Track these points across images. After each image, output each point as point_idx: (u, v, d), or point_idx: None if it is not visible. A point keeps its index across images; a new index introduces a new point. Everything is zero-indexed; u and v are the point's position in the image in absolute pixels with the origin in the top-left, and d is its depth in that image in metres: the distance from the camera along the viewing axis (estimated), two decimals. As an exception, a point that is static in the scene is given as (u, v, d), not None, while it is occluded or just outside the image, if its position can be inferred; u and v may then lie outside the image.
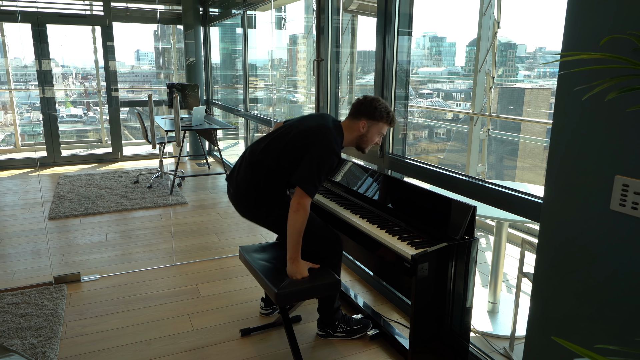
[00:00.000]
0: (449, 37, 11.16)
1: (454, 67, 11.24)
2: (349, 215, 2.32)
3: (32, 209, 4.70)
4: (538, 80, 7.90)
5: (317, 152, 2.12)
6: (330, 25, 3.44)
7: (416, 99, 9.67)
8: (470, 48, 8.82)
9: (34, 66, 6.53)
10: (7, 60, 7.57)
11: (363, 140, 2.32)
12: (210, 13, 7.03)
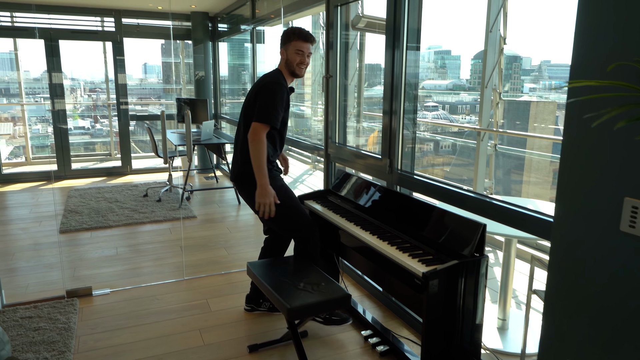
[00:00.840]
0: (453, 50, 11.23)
1: (459, 80, 11.28)
2: (358, 231, 2.35)
3: (43, 222, 4.76)
4: (543, 93, 7.92)
5: (263, 90, 2.48)
6: (339, 41, 3.50)
7: (421, 111, 9.72)
8: (475, 61, 8.88)
9: (43, 79, 6.65)
10: (20, 74, 7.71)
11: (289, 65, 2.57)
12: (219, 29, 7.14)
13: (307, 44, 2.55)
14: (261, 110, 2.46)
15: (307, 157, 7.92)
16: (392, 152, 2.83)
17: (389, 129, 2.83)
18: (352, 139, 3.89)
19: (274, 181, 2.62)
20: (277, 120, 2.48)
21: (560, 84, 7.70)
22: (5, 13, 6.40)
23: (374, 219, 2.49)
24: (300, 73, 2.60)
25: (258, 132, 2.45)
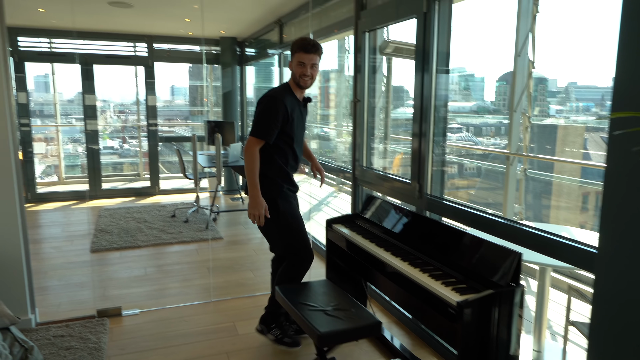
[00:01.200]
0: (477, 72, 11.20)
1: (483, 102, 11.22)
2: (389, 257, 2.33)
3: (75, 241, 4.87)
4: (570, 114, 7.79)
5: (258, 105, 2.55)
6: (367, 66, 3.53)
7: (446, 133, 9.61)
8: (500, 83, 8.81)
9: (76, 100, 6.88)
10: (56, 96, 8.00)
11: (294, 77, 2.57)
12: (246, 53, 7.31)
13: (309, 55, 2.51)
14: (254, 124, 2.54)
15: (331, 180, 7.93)
16: (422, 176, 2.81)
17: (418, 152, 2.82)
18: (378, 161, 3.88)
19: (284, 202, 2.65)
20: (268, 134, 2.51)
21: (589, 107, 7.57)
22: (44, 39, 6.69)
23: (403, 244, 2.47)
24: (304, 85, 2.58)
25: (250, 146, 2.51)
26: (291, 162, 2.69)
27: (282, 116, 2.51)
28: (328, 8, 4.31)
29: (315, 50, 2.52)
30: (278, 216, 2.64)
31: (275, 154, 2.61)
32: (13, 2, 4.81)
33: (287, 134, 2.59)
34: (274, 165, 2.62)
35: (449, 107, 2.82)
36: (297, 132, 2.65)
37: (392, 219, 2.71)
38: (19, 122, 6.49)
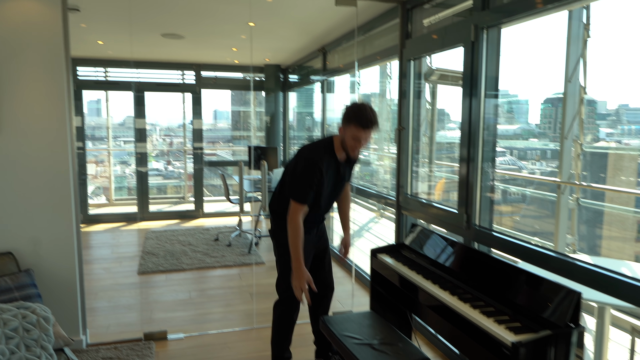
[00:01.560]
0: (521, 94, 10.96)
1: (528, 125, 10.91)
2: (437, 290, 2.26)
3: (123, 263, 5.02)
4: (622, 138, 7.44)
5: (298, 166, 2.44)
6: (412, 94, 3.52)
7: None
8: (545, 106, 8.55)
9: (126, 124, 7.17)
10: (109, 120, 8.41)
11: (344, 144, 2.43)
12: (289, 79, 7.47)
13: (367, 132, 2.32)
14: (292, 187, 2.45)
15: (372, 205, 7.88)
16: (470, 205, 2.75)
17: (465, 180, 2.76)
18: (422, 187, 3.84)
19: (284, 237, 2.57)
20: (305, 198, 2.40)
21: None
22: (100, 69, 7.09)
23: (451, 277, 2.40)
24: (353, 156, 2.48)
25: (293, 213, 2.40)
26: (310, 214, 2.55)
27: (317, 179, 2.41)
28: (372, 36, 4.36)
29: (373, 126, 2.33)
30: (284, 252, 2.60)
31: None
32: (76, 36, 5.14)
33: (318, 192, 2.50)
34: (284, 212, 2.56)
35: (485, 131, 2.76)
36: (326, 190, 2.54)
37: (438, 250, 2.65)
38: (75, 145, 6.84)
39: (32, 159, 2.82)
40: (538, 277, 1.99)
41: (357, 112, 2.32)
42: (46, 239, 2.88)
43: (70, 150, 2.89)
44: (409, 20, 3.52)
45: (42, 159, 2.83)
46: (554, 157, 7.66)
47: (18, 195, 2.81)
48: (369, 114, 2.31)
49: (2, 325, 2.26)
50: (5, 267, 2.71)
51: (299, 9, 3.84)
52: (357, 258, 4.95)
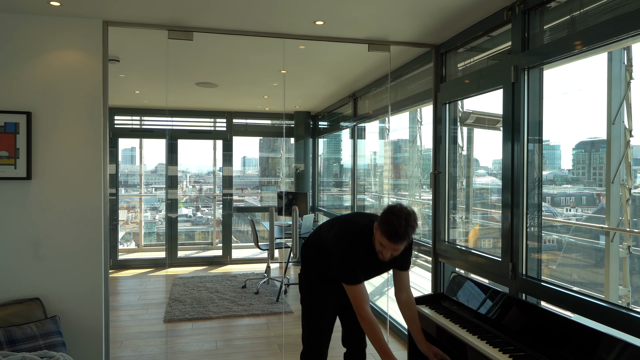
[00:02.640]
0: (552, 139, 10.77)
1: (560, 171, 10.62)
2: (485, 347, 2.07)
3: (149, 310, 4.93)
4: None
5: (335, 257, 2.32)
6: (448, 136, 3.43)
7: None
8: (578, 151, 8.30)
9: (158, 171, 7.29)
10: (141, 168, 8.59)
11: (375, 243, 2.24)
12: (319, 126, 7.52)
13: (392, 245, 2.13)
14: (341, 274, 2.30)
15: (403, 252, 7.64)
16: (515, 253, 2.57)
17: (510, 227, 2.60)
18: (457, 234, 3.68)
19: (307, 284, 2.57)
20: (357, 278, 2.26)
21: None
22: (135, 117, 7.32)
23: (500, 332, 2.20)
24: (383, 259, 2.24)
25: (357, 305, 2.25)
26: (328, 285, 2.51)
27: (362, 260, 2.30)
28: (403, 82, 4.35)
29: (401, 241, 2.12)
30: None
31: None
32: (115, 86, 5.34)
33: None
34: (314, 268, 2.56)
35: (529, 177, 2.61)
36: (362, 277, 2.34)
37: (482, 301, 2.46)
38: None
39: (64, 205, 2.82)
40: (596, 330, 1.79)
41: (388, 220, 2.11)
42: (75, 285, 2.83)
43: (102, 197, 2.89)
44: (443, 64, 3.49)
45: (75, 206, 2.83)
46: (589, 203, 7.33)
47: (48, 240, 2.79)
48: (399, 226, 2.08)
49: (24, 376, 2.18)
50: (32, 313, 2.65)
51: (331, 55, 3.88)
52: (392, 309, 4.71)
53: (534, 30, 2.56)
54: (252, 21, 2.97)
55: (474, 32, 3.05)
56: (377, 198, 8.03)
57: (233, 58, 3.96)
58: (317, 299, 2.55)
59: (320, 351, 2.56)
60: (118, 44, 3.49)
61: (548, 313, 2.08)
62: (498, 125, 3.75)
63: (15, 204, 2.75)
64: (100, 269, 2.88)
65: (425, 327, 2.58)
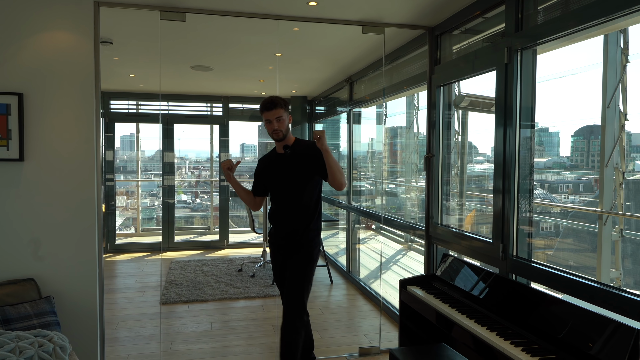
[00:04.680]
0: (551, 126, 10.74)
1: (559, 158, 10.63)
2: (473, 325, 2.09)
3: (146, 293, 4.96)
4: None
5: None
6: (442, 119, 3.43)
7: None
8: (577, 138, 8.31)
9: (155, 158, 7.28)
10: (139, 154, 8.57)
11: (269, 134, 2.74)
12: (316, 111, 7.49)
13: (271, 112, 2.63)
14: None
15: (400, 237, 7.68)
16: (506, 235, 2.58)
17: (501, 210, 2.61)
18: (452, 220, 3.68)
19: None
20: (252, 188, 2.96)
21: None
22: (132, 102, 7.29)
23: (488, 311, 2.23)
24: (277, 137, 2.71)
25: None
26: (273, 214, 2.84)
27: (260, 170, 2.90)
28: (399, 65, 4.33)
29: (274, 106, 2.63)
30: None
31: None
32: (109, 69, 5.30)
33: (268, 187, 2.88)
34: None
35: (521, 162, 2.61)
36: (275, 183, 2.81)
37: (472, 281, 2.49)
38: (105, 177, 6.98)
39: (57, 186, 2.82)
40: (586, 310, 1.81)
41: (261, 103, 2.68)
42: (69, 267, 2.85)
43: (95, 179, 2.89)
44: (438, 46, 3.47)
45: (68, 187, 2.83)
46: (587, 190, 7.36)
47: (42, 222, 2.80)
48: (268, 98, 2.66)
49: (18, 354, 2.20)
50: (26, 293, 2.67)
51: (325, 37, 3.85)
52: (385, 291, 4.76)
53: (528, 11, 2.54)
54: (245, 1, 2.95)
55: (469, 13, 3.02)
56: (374, 184, 8.04)
57: (227, 40, 3.93)
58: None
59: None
60: (110, 25, 3.46)
61: (536, 291, 2.11)
62: (492, 109, 3.74)
63: (9, 185, 2.75)
64: (94, 250, 2.89)
65: (418, 308, 2.60)
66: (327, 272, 5.61)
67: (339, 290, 5.13)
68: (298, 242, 2.73)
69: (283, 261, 2.81)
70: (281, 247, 2.81)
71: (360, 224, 6.28)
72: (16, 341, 2.26)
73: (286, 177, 2.75)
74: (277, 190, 2.81)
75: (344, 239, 6.50)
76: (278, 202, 2.81)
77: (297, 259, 2.71)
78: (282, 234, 2.78)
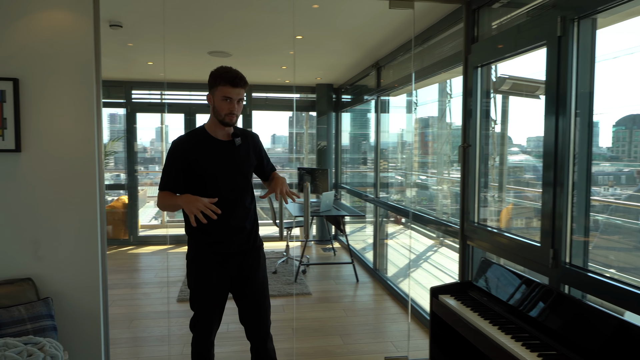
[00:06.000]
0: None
1: (599, 149, 10.04)
2: (520, 350, 1.75)
3: (164, 288, 4.79)
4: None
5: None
6: (479, 104, 3.05)
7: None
8: (618, 128, 7.73)
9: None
10: (163, 145, 8.46)
11: (216, 112, 2.16)
12: (342, 100, 7.15)
13: (236, 90, 2.10)
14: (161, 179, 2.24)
15: (430, 231, 7.29)
16: (557, 238, 2.21)
17: (551, 210, 2.24)
18: (488, 214, 3.31)
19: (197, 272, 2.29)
20: (165, 183, 2.19)
21: None
22: (155, 91, 7.14)
23: (538, 331, 1.87)
24: (230, 122, 2.15)
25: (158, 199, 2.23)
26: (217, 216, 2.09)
27: (181, 163, 2.17)
28: (431, 46, 3.94)
29: (243, 84, 2.14)
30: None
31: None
32: (128, 58, 5.12)
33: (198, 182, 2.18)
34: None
35: (577, 154, 2.22)
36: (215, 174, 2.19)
37: (517, 293, 2.13)
38: (131, 168, 6.88)
39: (57, 180, 2.61)
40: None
41: (221, 71, 2.14)
42: (69, 265, 2.64)
43: (97, 171, 2.66)
44: (475, 23, 3.07)
45: (67, 180, 2.62)
46: (629, 182, 6.92)
47: (40, 217, 2.60)
48: (234, 70, 2.14)
49: (3, 365, 2.00)
50: (22, 294, 2.48)
51: (348, 16, 3.51)
52: (414, 292, 4.42)
53: (587, -27, 2.13)
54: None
55: (513, -19, 2.63)
56: (403, 175, 7.67)
57: (243, 21, 3.64)
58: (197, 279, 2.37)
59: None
60: (118, 6, 3.23)
61: (600, 312, 1.74)
62: (537, 93, 3.33)
63: (5, 178, 2.56)
64: (96, 248, 2.68)
65: (452, 322, 2.27)
66: (352, 270, 5.31)
67: (365, 290, 4.82)
68: (253, 246, 2.32)
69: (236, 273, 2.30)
70: (231, 256, 2.26)
71: (389, 217, 5.93)
72: (3, 350, 2.06)
73: (234, 169, 2.24)
74: (222, 185, 2.20)
75: (370, 234, 6.18)
76: (223, 199, 2.15)
77: (259, 265, 2.34)
78: (230, 239, 2.24)
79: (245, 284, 2.33)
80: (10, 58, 2.53)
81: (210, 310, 2.33)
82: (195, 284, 2.29)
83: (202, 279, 2.26)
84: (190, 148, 2.18)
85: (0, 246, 2.56)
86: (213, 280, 2.26)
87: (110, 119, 8.90)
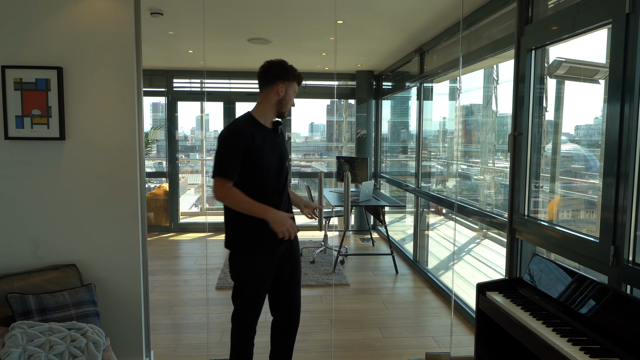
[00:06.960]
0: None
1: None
2: (577, 355, 1.61)
3: (203, 276, 4.85)
4: None
5: (217, 143, 2.18)
6: (532, 90, 2.86)
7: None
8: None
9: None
10: (203, 132, 8.55)
11: (283, 104, 2.26)
12: (383, 87, 6.98)
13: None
14: (215, 163, 2.15)
15: (473, 223, 7.05)
16: (619, 234, 2.03)
17: (613, 203, 2.06)
18: (540, 209, 3.11)
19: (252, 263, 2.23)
20: (229, 171, 2.13)
21: None
22: (195, 80, 7.20)
23: (598, 335, 1.73)
24: (286, 115, 2.34)
25: (217, 189, 2.15)
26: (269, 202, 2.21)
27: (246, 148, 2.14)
28: (480, 28, 3.74)
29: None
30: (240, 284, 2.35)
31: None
32: (169, 46, 5.15)
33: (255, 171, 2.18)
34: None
35: None
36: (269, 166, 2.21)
37: (571, 291, 1.98)
38: (173, 156, 6.99)
39: (98, 167, 2.64)
40: None
41: (297, 71, 2.30)
42: (111, 252, 2.68)
43: (138, 159, 2.67)
44: (530, 2, 2.87)
45: (108, 168, 2.64)
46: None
47: (83, 204, 2.64)
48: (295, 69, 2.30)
49: (48, 349, 2.03)
50: (67, 280, 2.53)
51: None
52: (457, 285, 4.28)
53: (662, -59, 1.92)
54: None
55: (573, -45, 2.41)
56: (445, 165, 7.44)
57: (283, 6, 3.56)
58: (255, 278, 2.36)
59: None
60: (158, -7, 3.22)
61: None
62: (597, 77, 3.09)
63: (50, 166, 2.61)
64: (137, 235, 2.70)
65: (501, 321, 2.14)
66: (392, 261, 5.20)
67: (404, 282, 4.71)
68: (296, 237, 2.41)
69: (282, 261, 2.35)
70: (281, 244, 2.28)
71: (430, 208, 5.76)
72: (48, 334, 2.10)
73: (284, 156, 2.33)
74: (276, 174, 2.25)
75: (410, 225, 6.03)
76: (275, 190, 2.24)
77: (299, 252, 2.48)
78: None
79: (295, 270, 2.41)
80: (54, 47, 2.56)
81: (262, 301, 2.35)
82: (251, 277, 2.27)
83: (258, 272, 2.26)
84: (251, 136, 2.16)
85: (46, 232, 2.62)
86: (269, 272, 2.28)
87: (153, 107, 9.09)
